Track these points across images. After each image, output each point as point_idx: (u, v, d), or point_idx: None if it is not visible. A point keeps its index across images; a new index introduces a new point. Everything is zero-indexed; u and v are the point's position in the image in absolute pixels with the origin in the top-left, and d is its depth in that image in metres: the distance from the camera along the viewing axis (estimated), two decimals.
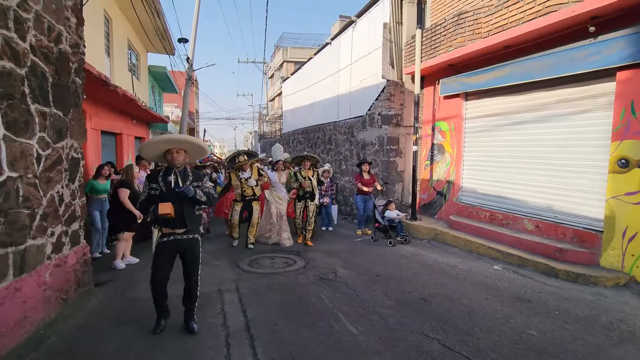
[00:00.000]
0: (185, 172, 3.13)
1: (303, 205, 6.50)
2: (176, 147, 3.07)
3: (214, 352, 2.81)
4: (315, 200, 6.49)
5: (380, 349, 2.85)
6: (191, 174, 3.16)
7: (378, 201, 6.83)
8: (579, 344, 2.90)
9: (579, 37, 4.66)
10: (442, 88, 7.11)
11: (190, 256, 3.12)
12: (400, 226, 6.49)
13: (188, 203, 3.05)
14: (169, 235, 3.05)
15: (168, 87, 18.07)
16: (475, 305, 3.72)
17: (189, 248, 3.11)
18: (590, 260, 4.56)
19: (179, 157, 3.07)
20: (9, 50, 2.67)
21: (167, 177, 3.06)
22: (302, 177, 6.34)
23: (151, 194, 3.06)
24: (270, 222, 6.50)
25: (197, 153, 3.29)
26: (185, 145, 3.12)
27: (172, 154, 3.05)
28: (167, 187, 3.03)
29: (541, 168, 5.48)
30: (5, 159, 2.61)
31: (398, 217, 6.52)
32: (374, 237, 6.69)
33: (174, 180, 3.05)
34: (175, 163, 3.07)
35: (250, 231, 6.16)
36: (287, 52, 28.91)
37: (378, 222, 6.64)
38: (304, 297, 3.96)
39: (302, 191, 6.39)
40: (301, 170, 6.43)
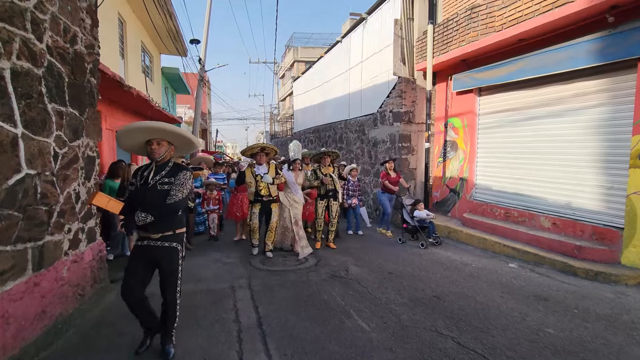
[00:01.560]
0: (162, 167, 2.68)
1: (325, 205, 5.94)
2: (157, 138, 2.63)
3: (226, 347, 2.82)
4: (339, 198, 5.97)
5: (392, 345, 2.82)
6: (169, 168, 2.69)
7: (406, 200, 6.42)
8: (599, 343, 2.81)
9: (597, 28, 4.52)
10: (455, 84, 7.01)
11: (165, 267, 2.64)
12: (432, 227, 6.06)
13: (162, 203, 2.58)
14: (143, 240, 2.65)
15: (181, 88, 18.33)
16: (490, 303, 3.65)
17: (164, 257, 2.63)
18: (610, 258, 4.42)
19: (160, 149, 2.64)
20: (27, 51, 2.74)
21: (145, 171, 2.69)
22: (323, 174, 5.86)
23: (131, 190, 2.71)
24: (284, 227, 5.78)
25: (184, 146, 2.84)
26: (166, 135, 2.65)
27: (151, 146, 2.63)
28: (142, 183, 2.64)
29: (558, 164, 5.34)
30: (23, 157, 2.68)
31: (429, 217, 6.10)
32: (402, 238, 6.27)
33: (149, 175, 2.65)
34: (154, 156, 2.64)
35: (269, 236, 5.44)
36: (298, 52, 29.00)
37: (406, 222, 6.28)
38: (316, 294, 3.95)
39: (323, 189, 5.90)
40: (320, 167, 5.95)
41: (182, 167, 2.75)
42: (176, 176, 2.66)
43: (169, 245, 2.65)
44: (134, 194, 2.65)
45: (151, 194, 2.59)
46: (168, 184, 2.63)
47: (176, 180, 2.64)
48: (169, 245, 2.65)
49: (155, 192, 2.60)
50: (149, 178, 2.62)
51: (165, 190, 2.62)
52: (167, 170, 2.68)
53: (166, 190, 2.62)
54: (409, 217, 6.23)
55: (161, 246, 2.63)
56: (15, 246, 2.62)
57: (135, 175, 2.70)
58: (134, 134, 2.63)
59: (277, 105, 31.51)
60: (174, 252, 2.66)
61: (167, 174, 2.66)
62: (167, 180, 2.63)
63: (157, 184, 2.62)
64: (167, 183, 2.63)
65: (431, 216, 6.16)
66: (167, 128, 2.59)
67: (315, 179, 5.88)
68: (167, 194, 2.60)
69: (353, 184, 6.88)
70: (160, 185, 2.62)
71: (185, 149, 2.93)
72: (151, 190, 2.60)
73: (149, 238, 2.63)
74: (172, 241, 2.67)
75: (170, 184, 2.63)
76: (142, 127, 2.58)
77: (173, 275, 2.66)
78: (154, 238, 2.63)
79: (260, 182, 5.27)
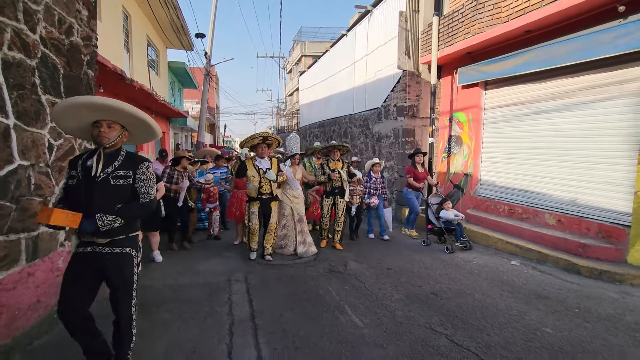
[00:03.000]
0: (113, 157, 2.16)
1: (331, 203, 5.53)
2: (108, 120, 2.11)
3: (217, 340, 2.81)
4: (346, 196, 5.52)
5: (384, 342, 2.78)
6: (122, 158, 2.18)
7: (431, 198, 5.84)
8: (599, 344, 2.72)
9: (607, 19, 4.35)
10: (460, 77, 6.86)
11: (115, 278, 2.16)
12: (460, 229, 5.43)
13: (114, 201, 2.11)
14: (86, 245, 2.14)
15: (187, 82, 18.41)
16: (489, 300, 3.57)
17: (113, 267, 2.15)
18: (616, 256, 4.29)
19: (110, 133, 2.12)
20: (19, 42, 2.73)
21: (88, 160, 2.12)
22: (330, 169, 5.42)
23: (68, 184, 2.14)
24: (285, 227, 5.28)
25: (142, 133, 2.32)
26: (120, 117, 2.12)
27: (99, 128, 2.09)
28: (85, 175, 2.09)
29: (564, 159, 5.20)
30: (16, 148, 2.68)
31: (457, 218, 5.43)
32: (426, 240, 5.72)
33: (96, 165, 2.09)
34: (102, 141, 2.09)
35: (267, 239, 4.94)
36: (306, 46, 28.85)
37: (431, 223, 5.70)
38: (312, 288, 3.93)
39: (329, 186, 5.49)
40: (329, 162, 5.52)
41: (141, 157, 2.29)
42: (137, 169, 2.19)
43: (120, 251, 2.16)
44: (74, 189, 2.11)
45: (102, 191, 2.08)
46: (124, 178, 2.15)
47: (140, 175, 2.19)
48: (120, 252, 2.16)
49: (107, 188, 2.10)
50: (95, 170, 2.08)
51: (121, 185, 2.14)
52: (121, 161, 2.17)
53: (122, 185, 2.14)
54: (434, 217, 5.65)
55: (110, 253, 2.14)
56: (8, 236, 2.63)
57: (73, 165, 2.15)
58: (78, 112, 2.08)
59: (285, 100, 31.47)
60: (126, 259, 2.19)
61: (121, 165, 2.15)
62: (123, 173, 2.14)
63: (110, 178, 2.11)
64: (124, 177, 2.14)
65: (459, 217, 5.50)
66: (122, 107, 2.06)
67: (322, 174, 5.48)
68: (125, 191, 2.16)
69: (375, 180, 6.24)
70: (113, 180, 2.12)
71: (143, 137, 2.40)
72: (101, 186, 2.08)
73: (93, 243, 2.12)
74: (124, 246, 2.18)
75: (128, 179, 2.16)
76: (89, 102, 2.05)
77: (126, 287, 2.18)
78: (100, 243, 2.12)
79: (262, 178, 4.76)
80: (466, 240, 5.42)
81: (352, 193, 5.77)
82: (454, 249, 5.26)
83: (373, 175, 6.24)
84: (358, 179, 5.86)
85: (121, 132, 2.19)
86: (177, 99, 17.49)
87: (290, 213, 5.28)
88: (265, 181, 4.75)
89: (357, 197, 5.90)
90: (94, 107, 2.05)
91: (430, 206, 5.76)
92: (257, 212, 4.82)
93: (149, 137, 2.42)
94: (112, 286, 2.18)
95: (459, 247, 5.39)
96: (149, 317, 3.18)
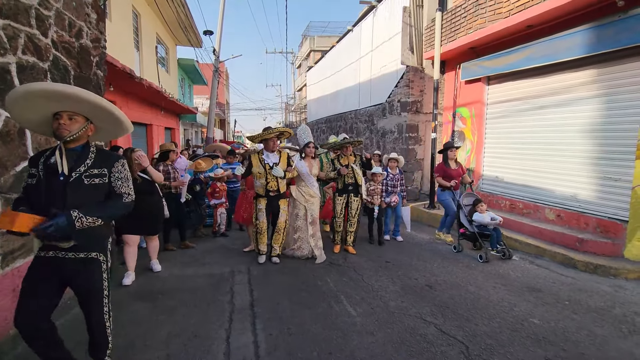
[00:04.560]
0: (84, 153, 1.95)
1: (344, 201, 5.02)
2: (68, 111, 1.88)
3: (217, 326, 2.99)
4: (362, 193, 4.99)
5: (374, 329, 2.91)
6: (94, 155, 1.97)
7: (464, 199, 5.18)
8: (583, 335, 2.80)
9: (607, 13, 4.34)
10: (463, 72, 6.88)
11: (81, 287, 1.97)
12: (497, 235, 4.71)
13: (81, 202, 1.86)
14: (47, 250, 1.92)
15: (197, 79, 18.68)
16: (482, 293, 3.67)
17: (77, 274, 1.94)
18: (613, 251, 4.32)
19: (72, 125, 1.89)
20: (32, 46, 2.92)
21: (51, 158, 1.90)
22: (341, 164, 4.91)
23: (28, 183, 1.92)
24: (297, 228, 4.79)
25: (109, 126, 2.08)
26: (83, 107, 1.89)
27: (59, 120, 1.87)
28: (48, 174, 1.87)
29: (565, 155, 5.21)
30: (30, 145, 2.89)
31: (493, 222, 4.72)
32: (458, 246, 5.10)
33: (60, 163, 1.87)
34: (61, 133, 1.87)
35: (276, 239, 4.62)
36: (314, 41, 28.81)
37: (464, 227, 5.05)
38: (311, 280, 4.07)
39: (341, 183, 4.97)
40: (339, 157, 5.00)
41: (115, 155, 2.13)
42: (112, 167, 2.01)
43: (86, 256, 1.95)
44: (34, 189, 1.88)
45: (75, 192, 1.86)
46: (100, 177, 1.94)
47: (117, 174, 2.02)
48: (86, 256, 1.95)
49: (81, 188, 1.89)
50: (61, 168, 1.86)
51: (96, 185, 1.93)
52: (93, 158, 1.96)
53: (98, 185, 1.94)
54: (466, 220, 4.99)
55: (74, 258, 1.92)
56: None
57: (34, 163, 1.93)
58: (34, 102, 1.83)
59: (294, 96, 31.57)
60: (93, 264, 1.97)
61: (95, 163, 1.95)
62: (98, 171, 1.94)
63: (84, 178, 1.90)
64: (98, 176, 1.94)
65: (497, 220, 4.72)
66: (80, 94, 1.82)
67: (332, 169, 4.97)
68: (101, 190, 1.96)
69: (393, 177, 5.60)
70: (88, 179, 1.91)
71: (111, 132, 2.17)
72: (74, 187, 1.87)
73: (55, 247, 1.89)
74: (90, 250, 1.96)
75: (103, 177, 1.96)
76: (42, 90, 1.80)
77: (94, 295, 1.99)
78: (63, 248, 1.89)
79: (269, 174, 4.42)
80: (504, 248, 4.68)
81: (372, 192, 5.26)
82: (488, 257, 4.59)
83: (390, 171, 5.67)
84: (378, 173, 5.28)
85: (85, 125, 1.95)
86: (187, 95, 17.79)
87: (304, 214, 4.77)
88: (271, 177, 4.41)
89: (377, 197, 5.32)
90: (49, 96, 1.80)
91: (462, 208, 5.08)
92: (264, 208, 4.49)
93: (119, 131, 2.18)
94: (79, 295, 2.00)
95: (495, 255, 4.72)
96: (154, 303, 3.39)
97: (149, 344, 2.69)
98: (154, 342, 2.73)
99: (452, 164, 5.45)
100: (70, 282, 1.98)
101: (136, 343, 2.70)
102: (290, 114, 27.42)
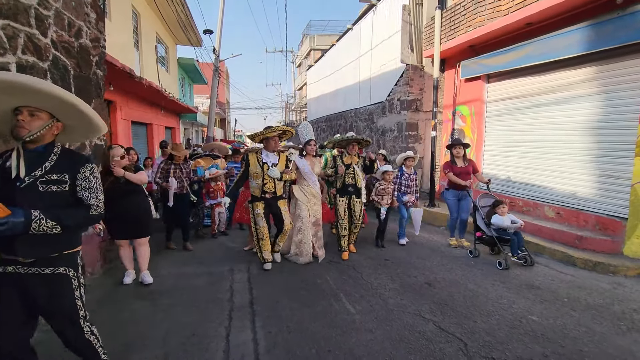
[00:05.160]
0: (44, 154, 1.69)
1: (346, 203, 4.76)
2: (29, 106, 1.62)
3: (216, 324, 3.00)
4: (362, 197, 4.77)
5: (373, 327, 2.92)
6: (56, 157, 1.70)
7: (480, 200, 4.83)
8: (581, 331, 2.81)
9: (606, 10, 4.34)
10: (463, 70, 6.87)
11: (48, 307, 1.69)
12: (518, 239, 4.35)
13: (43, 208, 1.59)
14: (6, 264, 1.64)
15: (197, 78, 18.70)
16: (481, 290, 3.68)
17: (42, 292, 1.66)
18: (612, 248, 4.32)
19: (33, 123, 1.63)
20: (32, 46, 2.94)
21: (8, 161, 1.65)
22: (343, 163, 4.68)
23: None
24: (301, 230, 4.53)
25: (80, 123, 1.80)
26: (46, 102, 1.63)
27: (18, 116, 1.62)
28: (4, 179, 1.62)
29: (565, 152, 5.22)
30: None
31: (514, 226, 4.34)
32: (474, 251, 4.74)
33: (17, 165, 1.62)
34: (19, 132, 1.61)
35: (281, 238, 4.45)
36: (314, 40, 28.77)
37: (481, 230, 4.69)
38: (310, 278, 4.08)
39: (341, 182, 4.72)
40: (343, 156, 4.77)
41: (83, 157, 1.80)
42: (77, 173, 1.72)
43: (52, 272, 1.68)
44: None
45: (27, 201, 1.58)
46: (58, 184, 1.66)
47: (83, 181, 1.73)
48: (52, 273, 1.68)
49: (34, 196, 1.61)
50: (16, 171, 1.61)
51: (53, 193, 1.66)
52: (54, 161, 1.69)
53: (55, 193, 1.66)
54: (483, 223, 4.62)
55: (37, 274, 1.64)
56: None
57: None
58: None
59: (294, 94, 31.59)
60: (61, 282, 1.70)
61: (54, 167, 1.67)
62: (57, 177, 1.66)
63: (38, 184, 1.62)
64: (57, 182, 1.66)
65: (518, 224, 4.36)
66: (40, 86, 1.55)
67: (331, 167, 4.76)
68: (59, 200, 1.67)
69: (408, 176, 5.31)
70: (43, 186, 1.63)
71: (82, 131, 1.89)
72: (25, 194, 1.60)
73: (15, 262, 1.63)
74: (56, 265, 1.69)
75: (63, 184, 1.67)
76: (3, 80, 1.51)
77: (65, 316, 1.73)
78: (24, 263, 1.63)
79: (266, 174, 4.18)
80: (526, 254, 4.32)
81: (382, 192, 5.04)
82: (508, 264, 4.21)
83: (405, 171, 5.35)
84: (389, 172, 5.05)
85: (49, 123, 1.69)
86: (187, 94, 17.81)
87: (307, 215, 4.56)
88: (268, 178, 4.19)
89: (388, 197, 5.08)
90: (5, 87, 1.53)
91: (479, 209, 4.70)
92: (262, 213, 4.22)
93: (89, 131, 1.90)
94: (46, 316, 1.72)
95: (516, 262, 4.34)
96: (153, 302, 3.41)
97: (147, 343, 2.71)
98: (152, 340, 2.74)
99: (460, 161, 5.08)
100: (34, 302, 1.66)
101: (135, 342, 2.71)
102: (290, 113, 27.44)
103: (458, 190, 4.98)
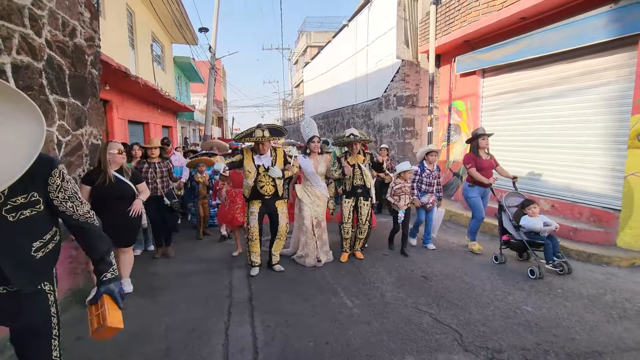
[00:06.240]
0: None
1: (352, 205, 4.44)
2: None
3: (216, 319, 3.04)
4: (372, 198, 4.44)
5: (370, 319, 2.97)
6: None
7: (507, 199, 4.30)
8: (574, 320, 2.86)
9: (600, 4, 4.37)
10: (458, 65, 6.90)
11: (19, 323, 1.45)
12: (553, 244, 3.84)
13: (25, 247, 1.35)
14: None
15: (193, 76, 18.65)
16: (477, 282, 3.72)
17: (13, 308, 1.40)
18: (606, 240, 4.38)
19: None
20: (26, 46, 2.94)
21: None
22: (348, 163, 4.31)
23: None
24: (304, 232, 4.33)
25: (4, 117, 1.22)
26: None
27: None
28: None
29: (559, 146, 5.26)
30: None
31: (548, 229, 3.85)
32: (500, 257, 4.23)
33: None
34: None
35: (277, 246, 4.17)
36: (311, 37, 28.72)
37: (508, 233, 4.17)
38: (308, 273, 4.12)
39: (349, 184, 4.38)
40: (347, 155, 4.39)
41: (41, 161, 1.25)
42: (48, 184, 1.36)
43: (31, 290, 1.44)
44: None
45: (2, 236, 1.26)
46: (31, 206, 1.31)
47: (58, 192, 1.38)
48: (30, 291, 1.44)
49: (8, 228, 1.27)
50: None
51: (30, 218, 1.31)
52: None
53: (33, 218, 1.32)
54: (511, 225, 4.10)
55: (5, 293, 1.36)
56: None
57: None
58: None
59: (291, 92, 31.53)
60: (38, 296, 1.46)
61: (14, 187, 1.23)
62: (24, 198, 1.29)
63: (4, 213, 1.25)
64: (29, 204, 1.30)
65: (552, 227, 3.86)
66: None
67: (337, 167, 4.39)
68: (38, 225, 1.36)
69: (429, 173, 4.77)
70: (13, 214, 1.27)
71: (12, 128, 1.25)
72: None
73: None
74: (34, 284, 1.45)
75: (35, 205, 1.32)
76: None
77: (39, 331, 1.49)
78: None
79: (263, 176, 3.90)
80: (562, 261, 3.79)
81: (399, 192, 4.60)
82: (542, 273, 3.71)
83: (427, 167, 4.80)
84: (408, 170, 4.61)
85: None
86: (183, 93, 17.77)
87: (311, 217, 4.32)
88: (266, 180, 3.90)
89: (406, 197, 4.61)
90: None
91: (505, 209, 4.18)
92: (257, 213, 3.96)
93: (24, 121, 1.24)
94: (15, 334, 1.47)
95: (551, 270, 3.82)
96: (154, 299, 3.44)
97: (149, 338, 2.74)
98: (154, 335, 2.78)
99: (484, 154, 4.56)
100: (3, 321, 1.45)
101: (136, 337, 2.75)
102: (287, 111, 27.40)
103: (483, 187, 4.54)
